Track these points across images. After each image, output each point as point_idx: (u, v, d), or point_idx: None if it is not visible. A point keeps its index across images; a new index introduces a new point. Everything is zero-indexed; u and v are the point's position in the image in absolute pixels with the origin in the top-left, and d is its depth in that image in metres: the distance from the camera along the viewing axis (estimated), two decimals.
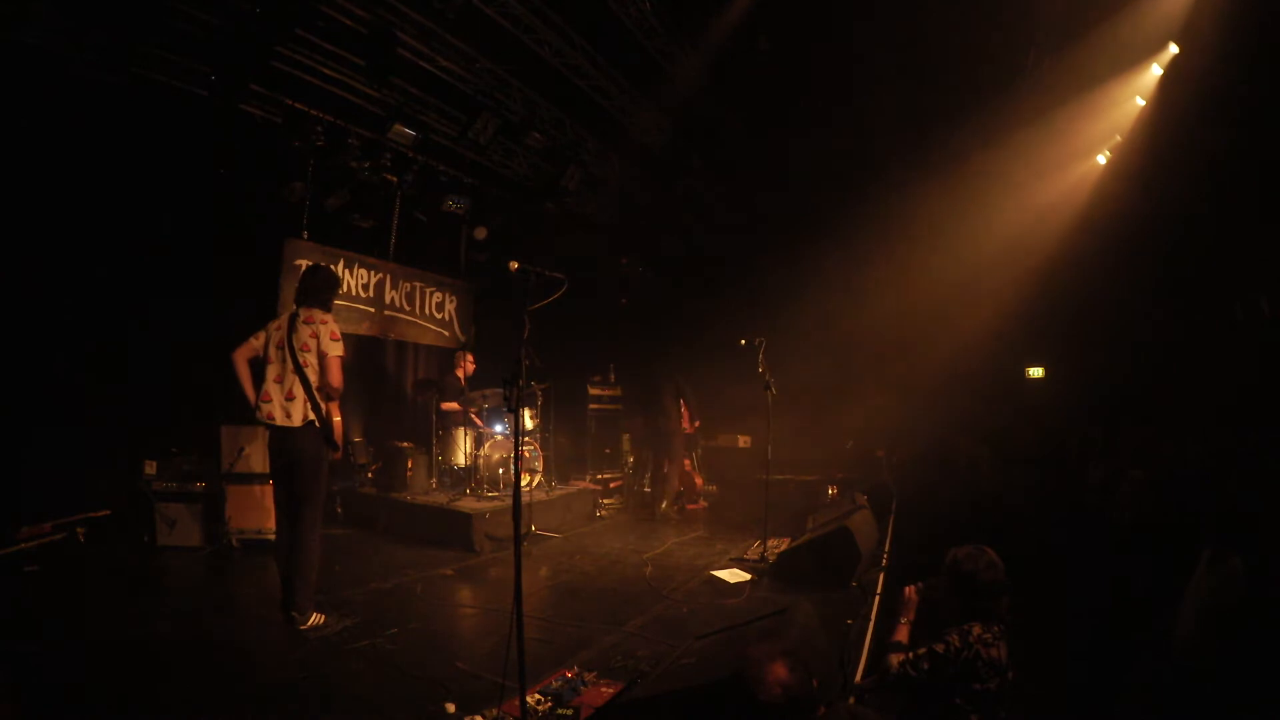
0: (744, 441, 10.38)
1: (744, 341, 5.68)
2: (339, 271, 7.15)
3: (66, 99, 5.03)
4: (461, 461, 6.82)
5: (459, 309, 8.94)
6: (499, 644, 2.70)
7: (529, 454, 6.81)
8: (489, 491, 6.36)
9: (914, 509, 7.31)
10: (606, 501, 7.83)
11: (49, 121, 4.97)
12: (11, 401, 4.77)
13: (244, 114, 6.05)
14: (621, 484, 8.63)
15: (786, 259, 11.06)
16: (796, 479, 9.54)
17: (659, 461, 7.61)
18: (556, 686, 3.02)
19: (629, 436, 9.13)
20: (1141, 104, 7.60)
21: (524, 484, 6.03)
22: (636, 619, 4.08)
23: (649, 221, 10.31)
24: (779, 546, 5.43)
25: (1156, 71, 7.15)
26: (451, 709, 2.80)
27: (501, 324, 8.88)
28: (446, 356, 8.35)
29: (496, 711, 2.73)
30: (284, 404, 3.78)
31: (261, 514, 5.31)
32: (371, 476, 6.96)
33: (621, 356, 9.54)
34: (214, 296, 5.89)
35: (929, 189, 9.10)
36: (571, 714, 2.79)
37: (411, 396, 8.07)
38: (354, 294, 7.47)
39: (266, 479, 5.25)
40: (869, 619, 3.98)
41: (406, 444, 6.82)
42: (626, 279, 11.03)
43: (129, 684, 3.06)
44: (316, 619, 3.74)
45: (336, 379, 3.82)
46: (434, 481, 6.88)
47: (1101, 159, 8.67)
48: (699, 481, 8.48)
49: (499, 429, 6.86)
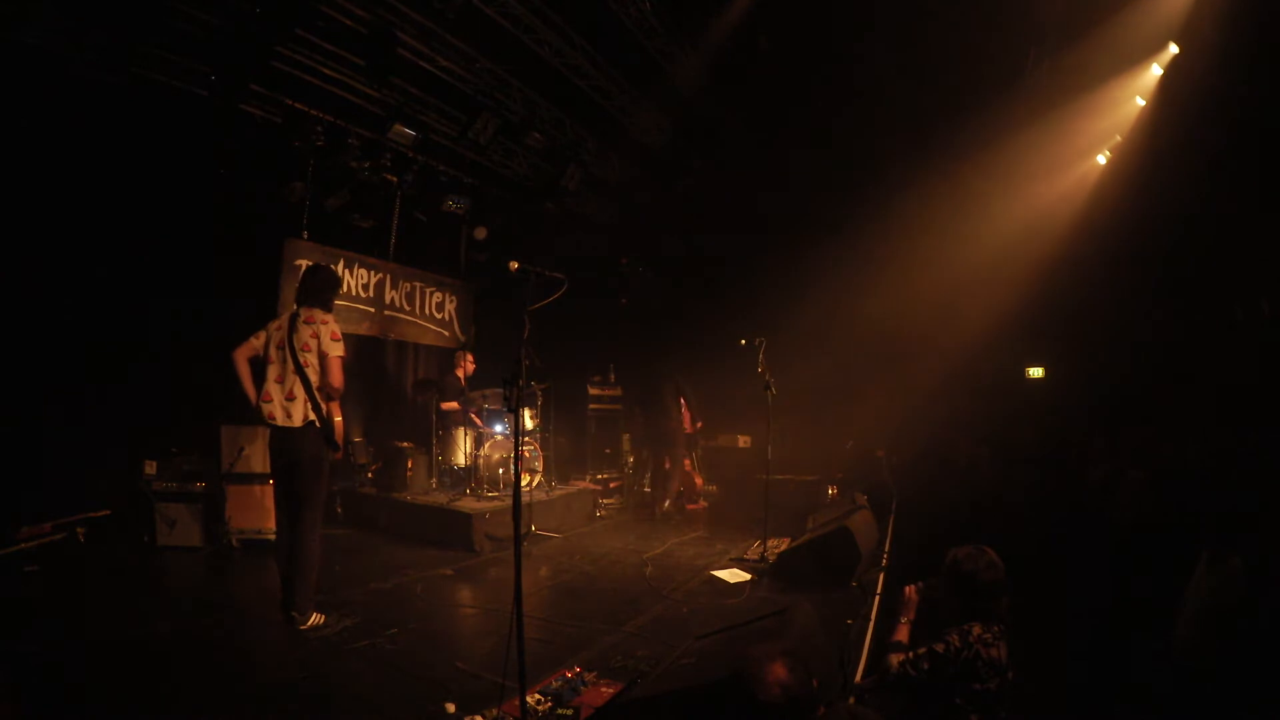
0: (744, 441, 10.36)
1: (744, 341, 5.68)
2: (339, 271, 7.15)
3: (66, 99, 5.03)
4: (461, 461, 6.83)
5: (459, 309, 8.94)
6: (499, 644, 2.70)
7: (529, 454, 6.82)
8: (489, 491, 6.36)
9: (914, 509, 7.31)
10: (606, 501, 7.83)
11: (49, 121, 4.98)
12: (12, 401, 4.78)
13: (244, 114, 6.05)
14: (621, 484, 8.63)
15: (786, 259, 11.05)
16: (796, 479, 9.53)
17: (659, 461, 7.61)
18: (556, 686, 3.02)
19: (629, 436, 9.13)
20: (1141, 104, 7.60)
21: (524, 484, 6.03)
22: (636, 619, 4.08)
23: (649, 221, 10.31)
24: (779, 546, 5.43)
25: (1156, 71, 7.15)
26: (451, 709, 2.80)
27: (501, 324, 8.88)
28: (446, 356, 8.36)
29: (496, 711, 2.73)
30: (284, 404, 3.78)
31: (261, 514, 5.32)
32: (371, 476, 6.97)
33: (621, 356, 9.53)
34: (214, 296, 5.90)
35: (929, 189, 9.10)
36: (571, 714, 2.79)
37: (411, 396, 8.07)
38: (354, 294, 7.47)
39: (266, 479, 5.26)
40: (869, 619, 3.98)
41: (406, 444, 6.83)
42: (626, 279, 11.02)
43: (129, 684, 3.06)
44: (316, 619, 3.75)
45: (337, 379, 3.83)
46: (434, 481, 6.89)
47: (1101, 159, 8.67)
48: (699, 481, 8.47)
49: (499, 429, 6.86)
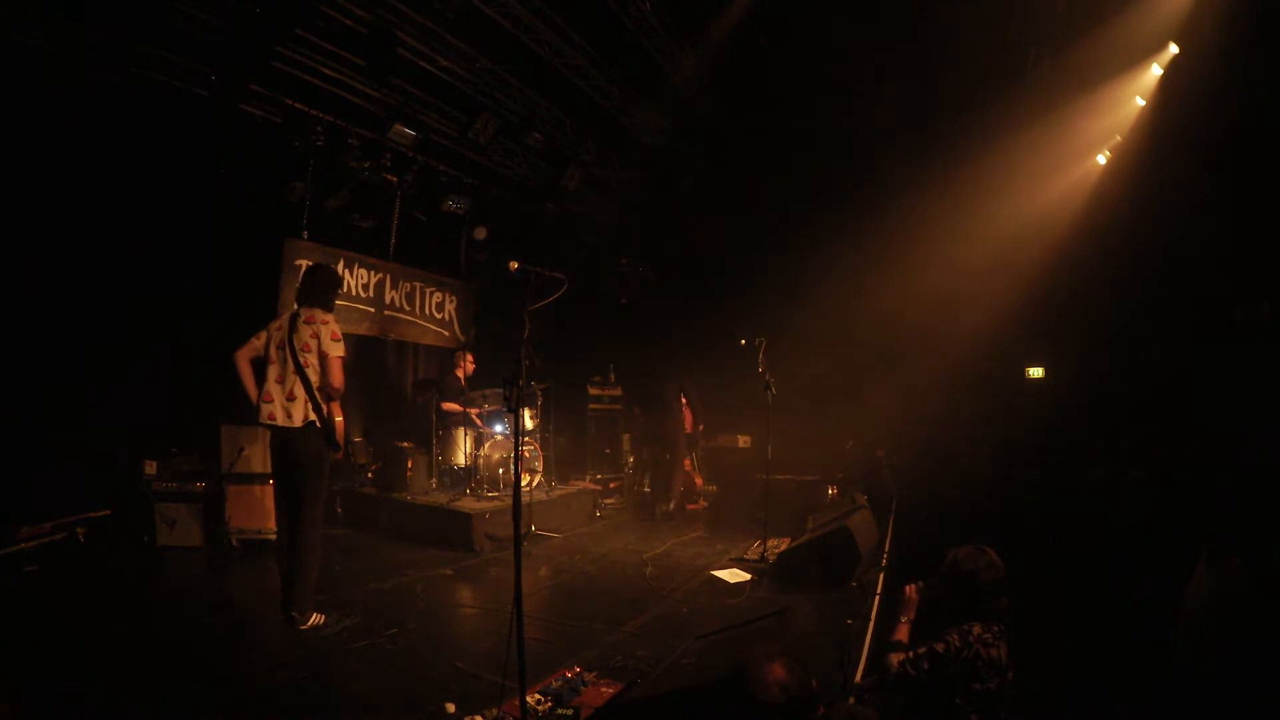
0: (744, 441, 10.36)
1: (744, 341, 5.68)
2: (339, 271, 7.15)
3: (66, 99, 5.03)
4: (461, 461, 6.83)
5: (459, 309, 8.94)
6: (499, 644, 2.70)
7: (529, 454, 6.82)
8: (489, 491, 6.36)
9: (914, 509, 7.31)
10: (606, 501, 7.83)
11: (49, 121, 4.97)
12: (12, 401, 4.77)
13: (244, 114, 6.05)
14: (621, 484, 8.63)
15: (787, 259, 11.05)
16: (796, 479, 9.54)
17: (659, 461, 7.60)
18: (556, 686, 3.02)
19: (629, 436, 9.13)
20: (1141, 104, 7.60)
21: (524, 484, 6.03)
22: (636, 619, 4.08)
23: (649, 221, 10.31)
24: (779, 546, 5.43)
25: (1156, 71, 7.15)
26: (451, 709, 2.80)
27: (501, 324, 8.88)
28: (446, 356, 8.35)
29: (496, 711, 2.73)
30: (285, 404, 3.78)
31: (261, 514, 5.32)
32: (371, 476, 6.97)
33: (621, 356, 9.53)
34: (214, 296, 5.90)
35: (929, 189, 9.10)
36: (571, 714, 2.79)
37: (411, 396, 8.06)
38: (354, 294, 7.47)
39: (266, 479, 5.26)
40: (869, 619, 3.98)
41: (406, 444, 6.82)
42: (626, 279, 11.02)
43: (129, 684, 3.06)
44: (316, 619, 3.74)
45: (338, 379, 3.83)
46: (434, 481, 6.89)
47: (1101, 159, 8.67)
48: (699, 481, 8.47)
49: (499, 429, 6.86)
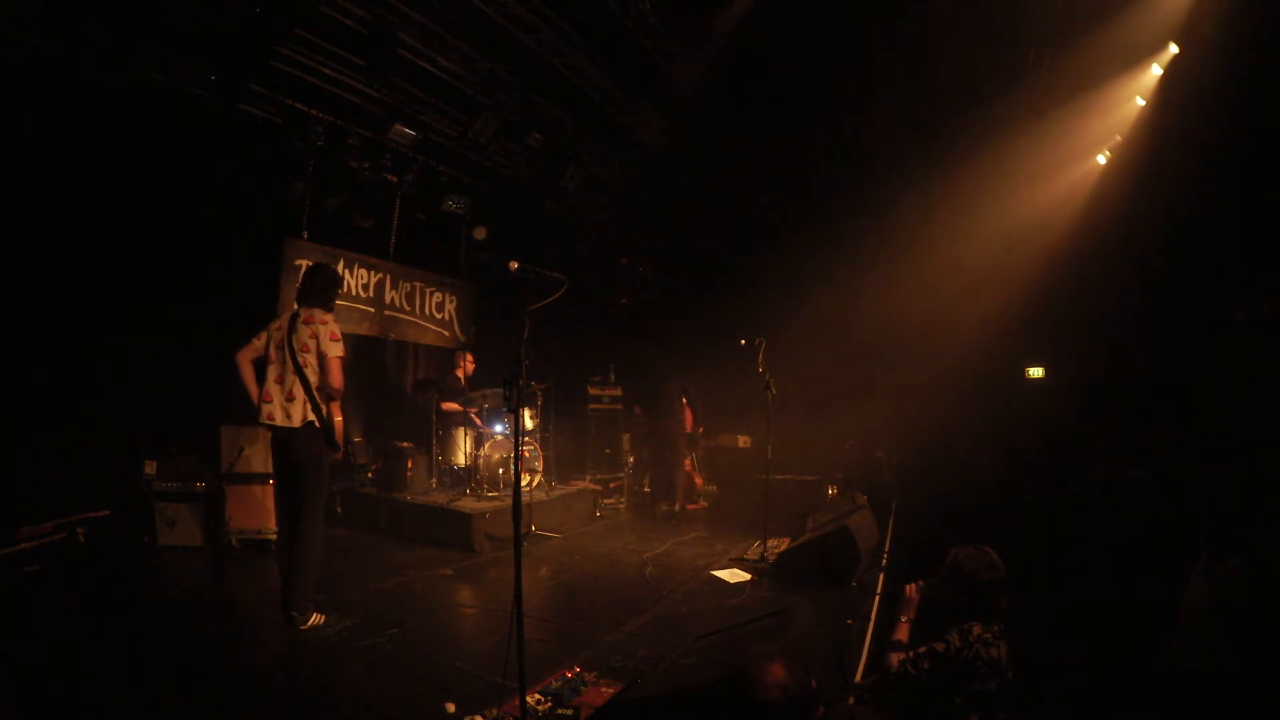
0: (744, 441, 10.36)
1: (744, 341, 5.68)
2: (339, 271, 7.14)
3: (66, 99, 5.03)
4: (461, 461, 6.83)
5: (459, 309, 8.94)
6: (499, 644, 2.70)
7: (529, 454, 6.81)
8: (489, 491, 6.36)
9: (914, 509, 7.32)
10: (606, 501, 7.83)
11: (49, 121, 4.98)
12: (12, 401, 4.77)
13: (244, 114, 6.04)
14: (621, 484, 8.63)
15: (787, 259, 11.06)
16: (796, 479, 9.54)
17: (659, 461, 7.60)
18: (556, 686, 3.02)
19: (629, 436, 9.13)
20: (1141, 104, 7.60)
21: (524, 484, 6.03)
22: (636, 619, 4.08)
23: (649, 221, 10.30)
24: (779, 546, 5.43)
25: (1156, 71, 7.15)
26: (451, 709, 2.80)
27: (501, 324, 8.88)
28: (446, 356, 8.35)
29: (496, 711, 2.73)
30: (284, 404, 3.78)
31: (261, 514, 5.32)
32: (371, 476, 6.97)
33: (621, 356, 9.54)
34: (214, 296, 5.90)
35: (930, 189, 9.10)
36: (571, 714, 2.79)
37: (411, 396, 8.06)
38: (354, 294, 7.47)
39: (266, 479, 5.26)
40: (869, 619, 3.99)
41: (406, 444, 6.82)
42: (626, 279, 11.02)
43: (129, 684, 3.06)
44: (316, 619, 3.74)
45: (337, 379, 3.82)
46: (434, 481, 6.89)
47: (1101, 159, 8.67)
48: (699, 481, 8.48)
49: (499, 429, 6.86)
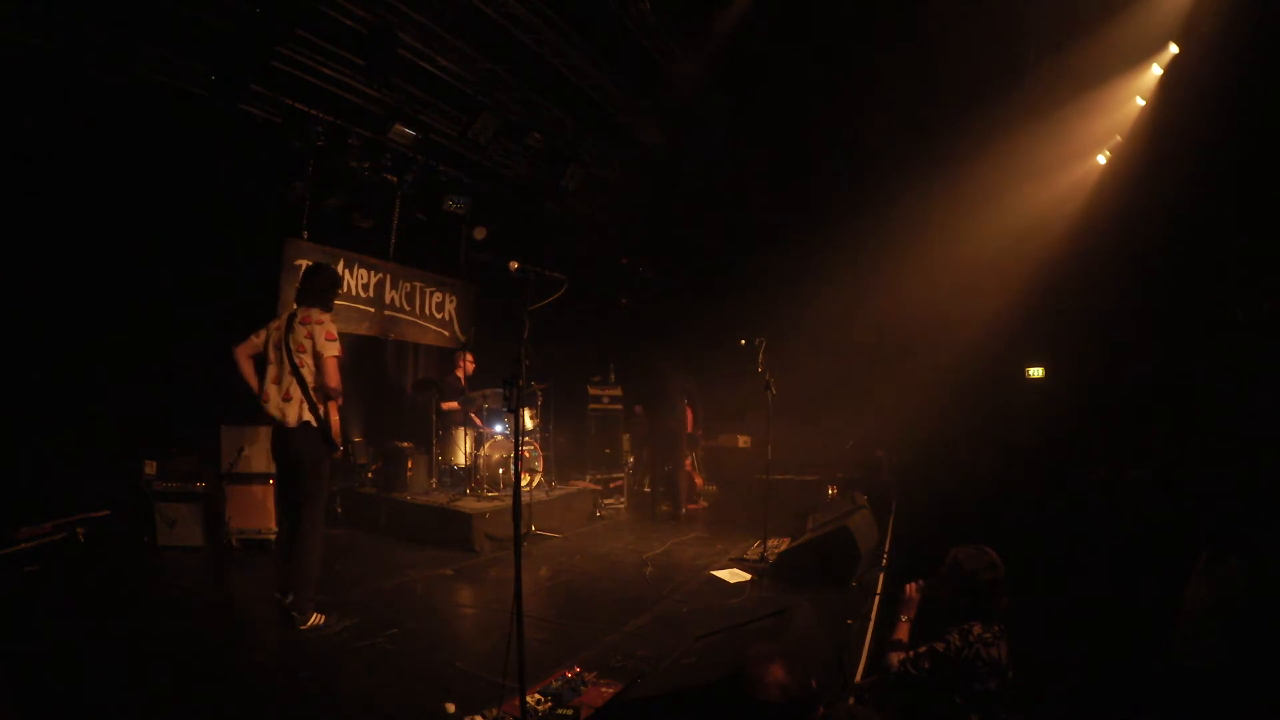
0: (744, 441, 10.36)
1: (744, 341, 5.68)
2: (339, 271, 7.15)
3: (66, 99, 5.03)
4: (461, 461, 6.83)
5: (459, 309, 8.94)
6: (499, 644, 2.70)
7: (529, 454, 6.81)
8: (489, 491, 6.36)
9: (914, 509, 7.32)
10: (606, 501, 7.82)
11: (49, 121, 4.98)
12: (12, 401, 4.77)
13: (244, 114, 6.04)
14: (621, 484, 8.63)
15: (787, 259, 11.06)
16: (796, 479, 9.54)
17: (660, 462, 7.60)
18: (556, 686, 3.02)
19: (629, 436, 9.13)
20: (1141, 104, 7.60)
21: (524, 484, 6.03)
22: (636, 619, 4.08)
23: (649, 221, 10.30)
24: (779, 546, 5.43)
25: (1156, 71, 7.15)
26: (451, 709, 2.80)
27: (501, 324, 8.88)
28: (446, 356, 8.36)
29: (496, 711, 2.73)
30: (281, 404, 3.78)
31: (261, 514, 5.32)
32: (371, 476, 6.96)
33: (621, 356, 9.54)
34: (214, 296, 5.89)
35: (930, 189, 9.10)
36: (571, 714, 2.79)
37: (411, 396, 8.06)
38: (354, 294, 7.47)
39: (266, 479, 5.27)
40: (869, 619, 3.98)
41: (406, 444, 6.82)
42: (626, 279, 11.02)
43: (128, 684, 3.06)
44: (316, 619, 3.74)
45: (333, 379, 3.81)
46: (434, 481, 6.89)
47: (1101, 159, 8.67)
48: (699, 481, 8.48)
49: (499, 429, 6.86)
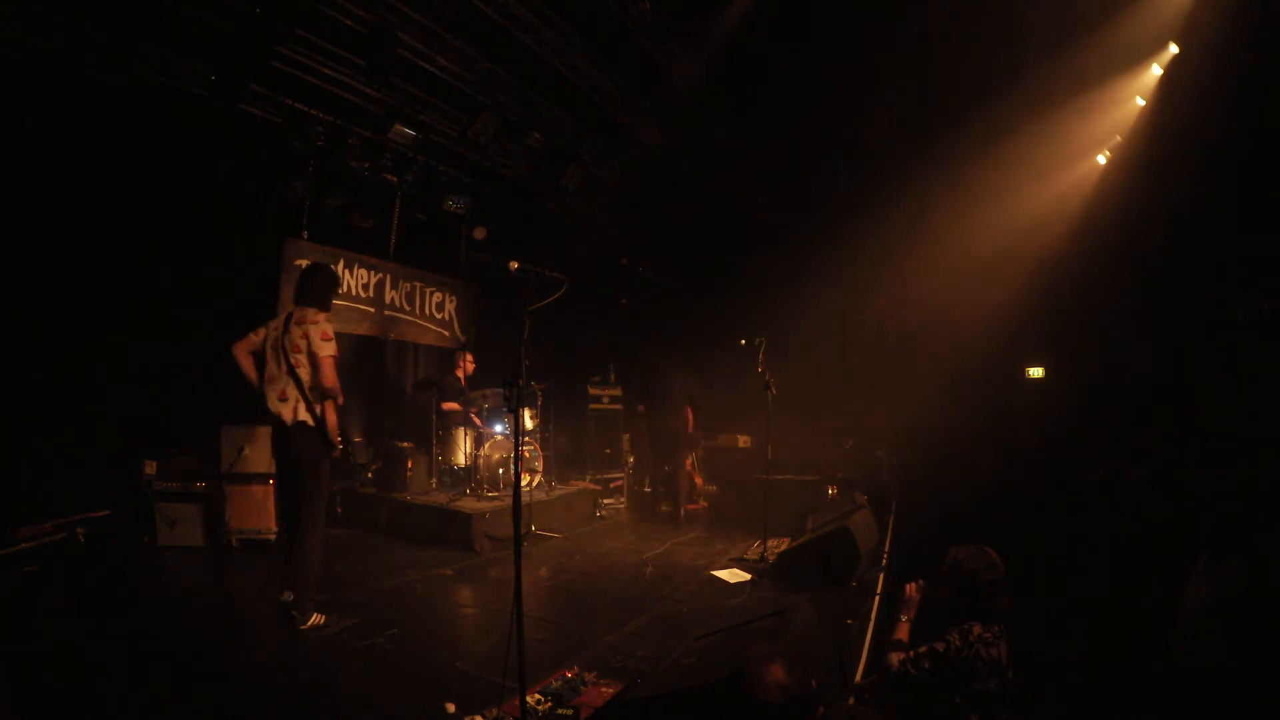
0: (744, 441, 10.37)
1: (744, 341, 5.68)
2: (339, 271, 7.15)
3: (66, 99, 5.03)
4: (461, 461, 6.83)
5: (459, 309, 8.94)
6: (499, 644, 2.70)
7: (529, 454, 6.81)
8: (489, 491, 6.36)
9: (914, 509, 7.32)
10: (606, 501, 7.82)
11: (49, 121, 4.97)
12: (12, 401, 4.77)
13: (244, 114, 6.04)
14: (621, 484, 8.64)
15: (787, 259, 11.06)
16: (796, 479, 9.55)
17: (660, 462, 7.59)
18: (556, 686, 3.02)
19: (629, 436, 9.13)
20: (1141, 104, 7.60)
21: (524, 484, 6.03)
22: (636, 619, 4.08)
23: (649, 221, 10.30)
24: (779, 546, 5.43)
25: (1156, 71, 7.16)
26: (451, 709, 2.80)
27: (501, 324, 8.88)
28: (446, 356, 8.35)
29: (496, 711, 2.73)
30: (278, 404, 3.79)
31: (262, 514, 5.33)
32: (371, 476, 6.96)
33: (621, 356, 9.54)
34: (214, 296, 5.89)
35: (930, 189, 9.11)
36: (571, 714, 2.79)
37: (411, 396, 8.06)
38: (354, 294, 7.47)
39: (266, 479, 5.27)
40: (869, 619, 3.99)
41: (406, 444, 6.82)
42: (626, 279, 11.02)
43: (129, 684, 3.06)
44: (316, 619, 3.74)
45: (328, 379, 3.80)
46: (434, 481, 6.89)
47: (1101, 159, 8.67)
48: (699, 481, 8.48)
49: (499, 429, 6.86)
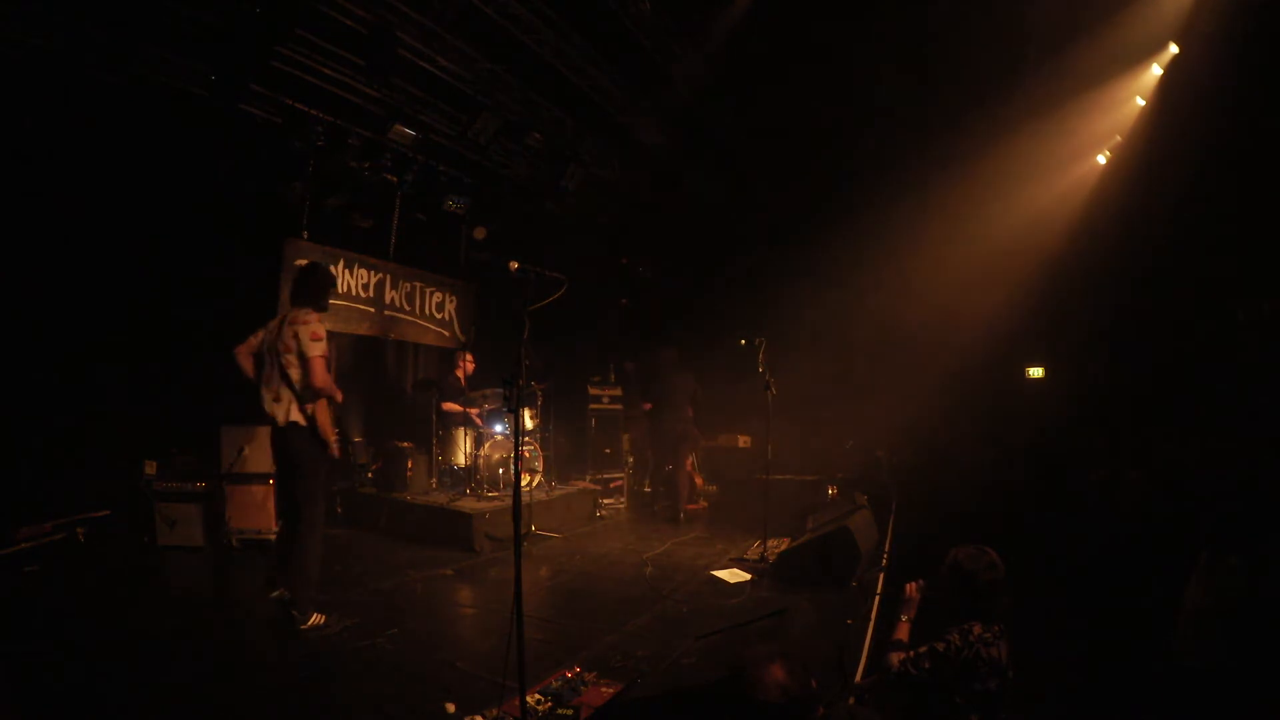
0: (744, 441, 10.36)
1: (744, 341, 5.68)
2: (339, 271, 7.15)
3: (66, 99, 5.03)
4: (461, 461, 6.83)
5: (459, 309, 8.93)
6: (499, 644, 2.70)
7: (529, 454, 6.81)
8: (489, 491, 6.36)
9: (914, 509, 7.31)
10: (606, 501, 7.82)
11: (49, 121, 4.97)
12: (12, 401, 4.77)
13: (244, 114, 6.04)
14: (621, 484, 8.63)
15: (787, 259, 11.07)
16: (796, 479, 9.55)
17: (662, 461, 7.58)
18: (556, 686, 3.02)
19: (629, 436, 9.13)
20: (1141, 104, 7.61)
21: (524, 484, 6.03)
22: (636, 619, 4.08)
23: (649, 221, 10.31)
24: (779, 546, 5.43)
25: (1156, 71, 7.16)
26: (451, 709, 2.80)
27: (501, 324, 8.88)
28: (446, 356, 8.35)
29: (496, 711, 2.73)
30: (272, 404, 3.80)
31: (262, 514, 5.33)
32: (371, 476, 6.96)
33: (621, 356, 9.54)
34: (214, 296, 5.90)
35: (930, 189, 9.11)
36: (571, 714, 2.79)
37: (411, 396, 8.06)
38: (354, 294, 7.47)
39: (266, 479, 5.28)
40: (869, 619, 3.98)
41: (406, 444, 6.82)
42: (626, 279, 11.02)
43: (129, 684, 3.06)
44: (316, 619, 3.74)
45: (318, 379, 3.77)
46: (434, 481, 6.89)
47: (1101, 159, 8.68)
48: (699, 481, 8.48)
49: (499, 429, 6.86)
